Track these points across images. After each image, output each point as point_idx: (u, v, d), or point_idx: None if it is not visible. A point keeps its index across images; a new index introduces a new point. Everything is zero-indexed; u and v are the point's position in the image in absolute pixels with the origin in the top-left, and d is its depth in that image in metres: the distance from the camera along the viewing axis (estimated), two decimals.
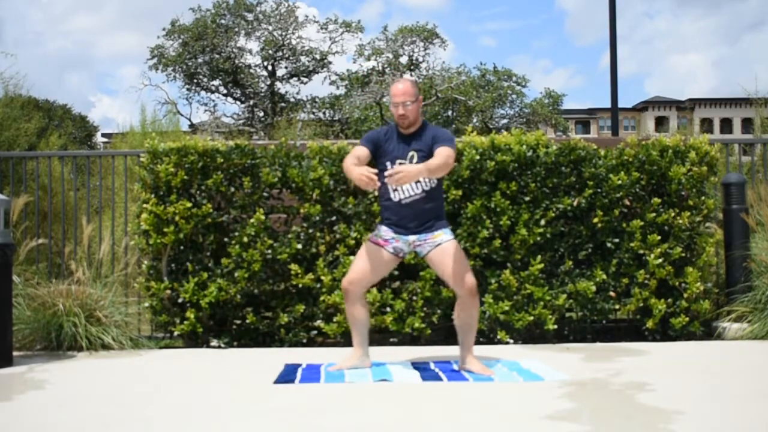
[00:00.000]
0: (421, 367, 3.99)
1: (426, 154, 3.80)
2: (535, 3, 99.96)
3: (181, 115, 29.32)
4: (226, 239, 5.04)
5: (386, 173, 3.59)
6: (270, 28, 30.52)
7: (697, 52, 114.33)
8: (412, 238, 3.84)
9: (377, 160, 3.95)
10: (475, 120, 31.24)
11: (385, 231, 3.89)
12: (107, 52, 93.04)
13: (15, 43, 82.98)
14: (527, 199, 4.94)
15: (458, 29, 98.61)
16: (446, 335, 4.99)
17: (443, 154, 3.72)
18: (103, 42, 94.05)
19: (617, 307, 5.05)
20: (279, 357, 4.41)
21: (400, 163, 3.82)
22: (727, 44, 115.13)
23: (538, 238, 4.90)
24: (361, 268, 3.90)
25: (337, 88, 32.13)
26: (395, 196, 3.84)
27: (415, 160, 3.81)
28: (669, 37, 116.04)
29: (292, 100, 31.73)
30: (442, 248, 3.80)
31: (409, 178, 3.58)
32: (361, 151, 3.88)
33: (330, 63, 31.65)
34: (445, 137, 3.85)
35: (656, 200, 4.99)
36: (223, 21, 29.97)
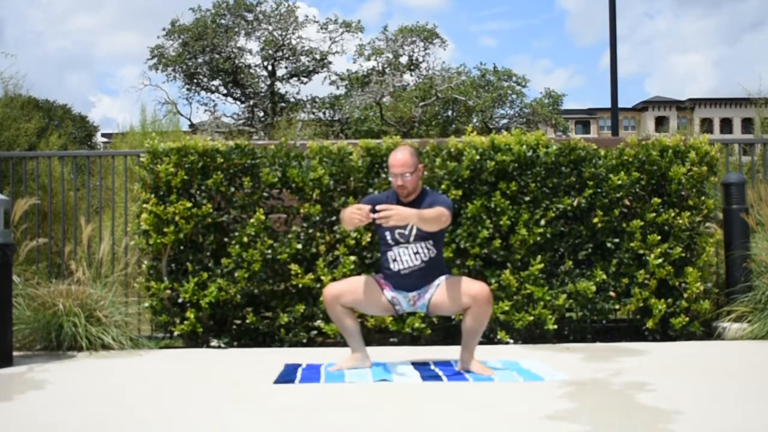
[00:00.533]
0: (421, 367, 3.99)
1: None
2: (536, 3, 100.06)
3: (181, 115, 29.32)
4: (226, 239, 5.04)
5: (378, 207, 3.57)
6: (270, 28, 30.51)
7: (697, 52, 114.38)
8: (411, 294, 3.87)
9: (376, 227, 3.92)
10: (475, 120, 31.22)
11: (385, 282, 3.91)
12: (107, 52, 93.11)
13: (15, 43, 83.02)
14: (527, 199, 4.94)
15: (459, 29, 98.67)
16: (446, 335, 4.99)
17: (439, 210, 3.70)
18: (103, 42, 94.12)
19: (617, 307, 5.05)
20: (279, 357, 4.41)
21: (399, 234, 3.82)
22: (727, 44, 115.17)
23: (538, 238, 4.90)
24: (353, 292, 3.87)
25: (337, 88, 32.12)
26: (395, 266, 3.84)
27: (414, 231, 3.80)
28: (669, 37, 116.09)
29: (292, 100, 31.72)
30: (441, 286, 3.81)
31: (400, 219, 3.55)
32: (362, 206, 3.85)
33: (330, 63, 31.64)
34: (445, 202, 3.83)
35: (656, 200, 4.99)
36: (223, 21, 29.96)
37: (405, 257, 3.82)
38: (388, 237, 3.85)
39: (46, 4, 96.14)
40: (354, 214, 3.64)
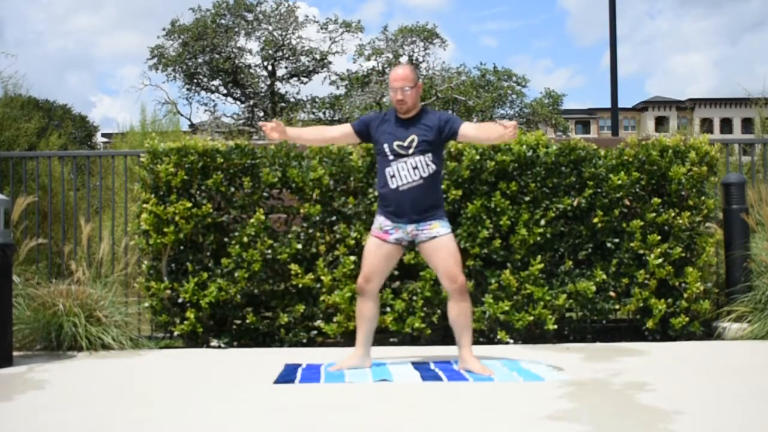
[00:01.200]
0: (421, 367, 3.99)
1: (428, 137, 3.81)
2: (537, 3, 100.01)
3: (181, 115, 29.32)
4: (226, 239, 5.04)
5: (500, 122, 3.70)
6: (270, 28, 30.51)
7: (698, 52, 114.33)
8: (410, 227, 3.84)
9: (374, 142, 3.96)
10: (475, 120, 31.23)
11: (383, 221, 3.89)
12: (108, 52, 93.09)
13: (16, 42, 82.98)
14: (527, 199, 4.94)
15: (459, 29, 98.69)
16: (446, 335, 4.99)
17: (479, 124, 3.90)
18: (104, 42, 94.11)
19: (617, 307, 5.05)
20: (279, 357, 4.41)
21: (398, 145, 3.82)
22: (728, 44, 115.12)
23: (538, 238, 4.90)
24: (372, 265, 3.90)
25: (337, 88, 32.13)
26: (392, 183, 3.82)
27: (415, 143, 3.80)
28: (670, 37, 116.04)
29: (292, 100, 31.72)
30: (437, 241, 3.81)
31: (513, 135, 3.69)
32: (343, 127, 4.00)
33: (330, 63, 31.64)
34: (455, 117, 3.93)
35: (656, 200, 4.99)
36: (223, 21, 29.96)
37: (404, 172, 3.79)
38: (387, 149, 3.84)
39: (47, 3, 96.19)
40: (266, 127, 3.88)
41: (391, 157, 3.83)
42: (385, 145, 3.85)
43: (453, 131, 3.86)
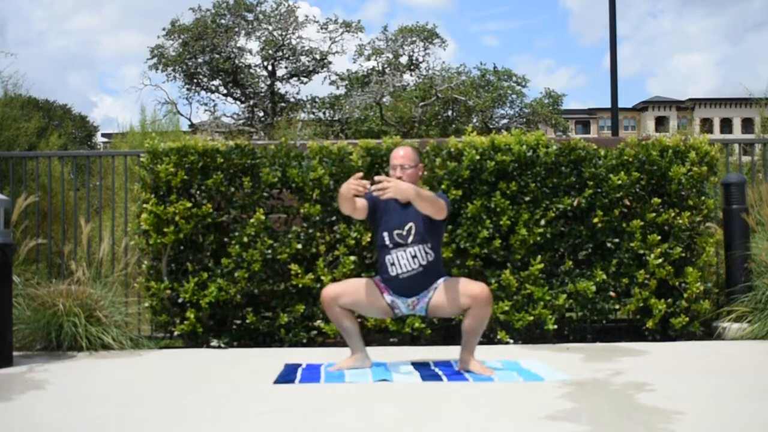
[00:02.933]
0: (421, 367, 3.98)
1: (424, 224, 3.79)
2: (539, 2, 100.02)
3: (181, 115, 29.31)
4: (226, 239, 5.04)
5: (376, 178, 3.58)
6: (270, 28, 30.51)
7: (700, 52, 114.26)
8: (410, 300, 3.86)
9: (374, 228, 3.94)
10: (475, 120, 31.22)
11: (384, 285, 3.89)
12: (109, 52, 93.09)
13: (17, 42, 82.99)
14: (527, 199, 4.94)
15: (462, 29, 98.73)
16: (446, 335, 4.99)
17: (434, 194, 3.71)
18: (105, 41, 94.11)
19: (617, 307, 5.05)
20: (279, 357, 4.41)
21: (397, 234, 3.81)
22: (730, 44, 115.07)
23: (538, 238, 4.90)
24: (353, 292, 3.86)
25: (337, 88, 32.12)
26: (392, 271, 3.81)
27: (413, 232, 3.79)
28: (672, 37, 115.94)
29: (292, 100, 31.72)
30: (440, 288, 3.80)
31: (397, 192, 3.54)
32: (362, 200, 3.86)
33: (330, 63, 31.64)
34: (441, 195, 3.84)
35: (656, 200, 4.99)
36: (223, 21, 29.95)
37: (403, 261, 3.80)
38: (386, 239, 3.85)
39: (48, 3, 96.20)
40: (351, 185, 3.64)
41: (390, 246, 3.83)
42: (385, 234, 3.84)
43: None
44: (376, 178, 3.59)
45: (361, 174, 3.71)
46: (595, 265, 4.98)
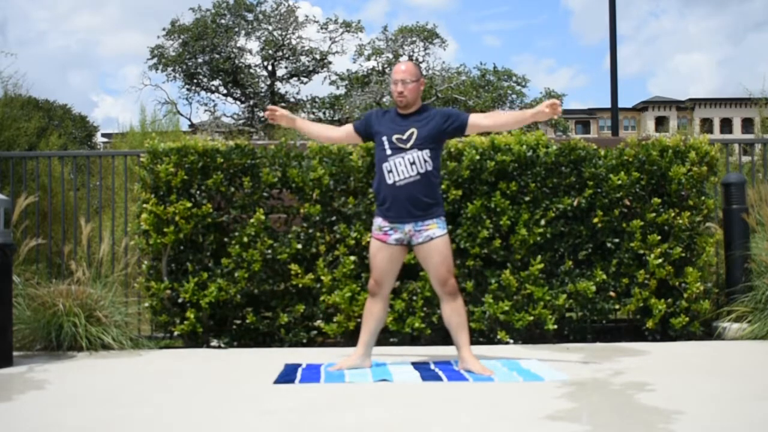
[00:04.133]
0: (421, 367, 3.99)
1: (428, 131, 3.81)
2: (540, 2, 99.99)
3: (181, 115, 29.34)
4: (226, 239, 5.04)
5: (550, 102, 3.82)
6: (270, 28, 30.53)
7: (701, 52, 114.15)
8: (407, 227, 3.83)
9: (374, 135, 3.95)
10: None
11: (381, 222, 3.88)
12: (111, 52, 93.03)
13: (19, 41, 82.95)
14: (527, 199, 4.94)
15: (463, 29, 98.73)
16: (446, 335, 4.97)
17: (493, 113, 3.94)
18: (106, 41, 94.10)
19: (617, 307, 5.05)
20: (279, 357, 4.41)
21: (397, 138, 3.82)
22: (732, 44, 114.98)
23: (538, 238, 4.90)
24: (379, 269, 3.90)
25: (337, 88, 32.15)
26: (389, 178, 3.80)
27: (414, 136, 3.80)
28: (674, 37, 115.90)
29: (292, 100, 31.73)
30: (431, 244, 3.81)
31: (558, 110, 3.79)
32: (347, 127, 4.03)
33: (330, 63, 31.66)
34: (459, 111, 3.97)
35: (656, 200, 4.99)
36: (223, 21, 29.97)
37: (401, 167, 3.78)
38: (385, 142, 3.83)
39: (50, 2, 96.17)
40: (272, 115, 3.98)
41: (389, 152, 3.82)
42: (384, 138, 3.84)
43: (459, 125, 3.88)
44: (551, 102, 3.84)
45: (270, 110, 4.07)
46: (595, 265, 4.98)
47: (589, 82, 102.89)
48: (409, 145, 3.80)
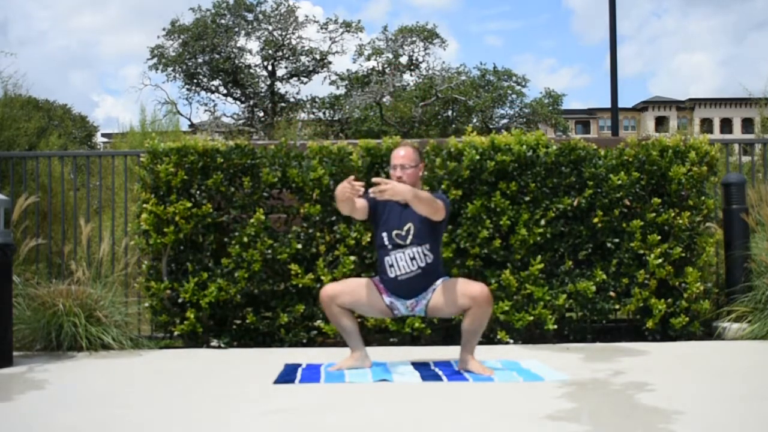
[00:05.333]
0: (421, 367, 3.98)
1: (424, 227, 3.79)
2: (541, 2, 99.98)
3: (181, 115, 29.32)
4: (226, 239, 5.04)
5: (373, 180, 3.60)
6: (270, 28, 30.52)
7: (703, 52, 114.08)
8: (409, 302, 3.86)
9: (374, 227, 3.95)
10: (475, 120, 31.23)
11: (383, 286, 3.89)
12: (111, 51, 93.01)
13: (20, 41, 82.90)
14: (527, 199, 4.94)
15: (465, 28, 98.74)
16: (446, 335, 4.99)
17: (431, 195, 3.71)
18: (107, 41, 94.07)
19: (617, 307, 5.05)
20: (279, 357, 4.41)
21: (396, 234, 3.81)
22: (733, 43, 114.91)
23: (538, 238, 4.90)
24: (351, 292, 3.87)
25: (337, 88, 32.13)
26: (391, 272, 3.81)
27: (412, 233, 3.79)
28: (676, 36, 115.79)
29: (292, 100, 31.73)
30: (438, 289, 3.80)
31: (394, 194, 3.54)
32: (362, 201, 3.86)
33: (330, 63, 31.65)
34: (440, 196, 3.83)
35: (656, 200, 4.99)
36: (223, 21, 29.96)
37: (402, 263, 3.80)
38: (386, 239, 3.84)
39: (51, 2, 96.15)
40: (345, 187, 3.64)
41: (389, 247, 3.82)
42: (384, 235, 3.84)
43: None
44: (374, 180, 3.60)
45: (352, 177, 3.71)
46: (595, 265, 4.98)
47: (591, 81, 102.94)
48: (408, 241, 3.80)
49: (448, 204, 3.85)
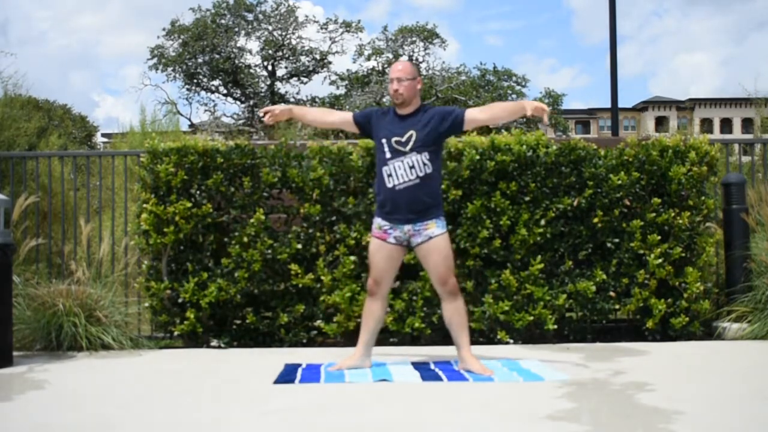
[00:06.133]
0: (421, 367, 3.99)
1: (426, 134, 3.81)
2: (542, 2, 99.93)
3: (181, 115, 29.33)
4: (226, 239, 5.04)
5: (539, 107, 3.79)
6: (270, 28, 30.52)
7: (704, 51, 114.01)
8: (407, 227, 3.83)
9: (374, 137, 3.97)
10: None
11: (381, 221, 3.89)
12: (112, 51, 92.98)
13: (20, 41, 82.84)
14: (527, 199, 4.94)
15: (465, 28, 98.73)
16: (446, 335, 4.97)
17: (490, 105, 3.99)
18: (108, 41, 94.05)
19: (617, 307, 5.05)
20: (279, 357, 4.41)
21: (396, 141, 3.82)
22: (734, 43, 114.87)
23: (538, 238, 4.90)
24: (378, 268, 3.91)
25: (337, 88, 32.14)
26: (389, 182, 3.82)
27: (413, 139, 3.80)
28: (677, 36, 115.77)
29: (292, 100, 31.71)
30: (431, 243, 3.82)
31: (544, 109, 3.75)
32: (345, 114, 4.02)
33: (330, 63, 31.66)
34: (456, 108, 3.94)
35: (656, 200, 4.99)
36: (223, 21, 29.96)
37: (400, 171, 3.79)
38: (385, 146, 3.84)
39: (51, 2, 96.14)
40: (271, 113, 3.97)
41: (388, 155, 3.83)
42: (383, 140, 3.86)
43: (457, 121, 3.87)
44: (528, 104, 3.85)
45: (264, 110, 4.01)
46: (595, 265, 4.98)
47: (591, 81, 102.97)
48: (408, 148, 3.80)
49: (463, 111, 3.93)
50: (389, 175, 3.81)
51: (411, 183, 3.79)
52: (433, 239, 3.81)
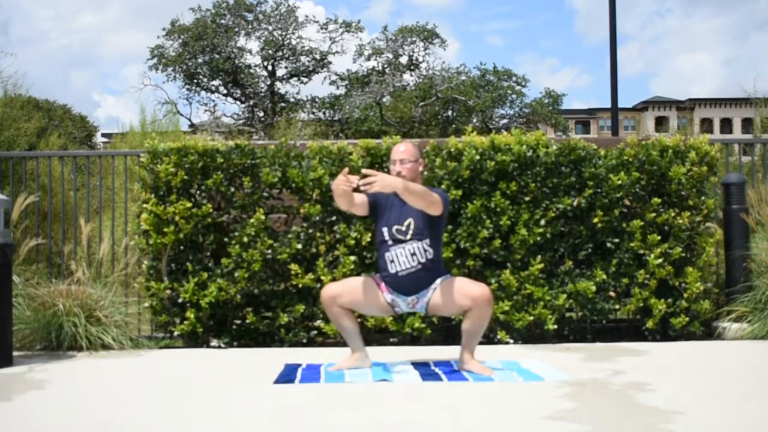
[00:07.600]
0: (421, 367, 3.98)
1: (424, 222, 3.78)
2: (544, 2, 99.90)
3: (181, 115, 29.35)
4: (226, 239, 5.04)
5: (363, 171, 3.60)
6: (270, 28, 30.52)
7: (706, 51, 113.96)
8: (410, 298, 3.84)
9: (375, 223, 3.95)
10: (475, 120, 31.24)
11: (384, 284, 3.88)
12: (113, 51, 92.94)
13: (21, 41, 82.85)
14: (527, 199, 4.94)
15: (466, 28, 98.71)
16: (446, 335, 5.00)
17: (425, 188, 3.70)
18: (108, 41, 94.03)
19: (617, 307, 5.05)
20: (279, 357, 4.41)
21: (396, 230, 3.81)
22: (736, 43, 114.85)
23: (538, 238, 4.90)
24: (351, 291, 3.86)
25: (337, 88, 32.16)
26: (392, 268, 3.80)
27: (412, 227, 3.78)
28: (679, 36, 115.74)
29: (292, 100, 31.74)
30: (439, 288, 3.79)
31: (384, 186, 3.54)
32: (362, 196, 3.85)
33: (330, 63, 31.66)
34: (437, 190, 3.84)
35: (656, 200, 4.99)
36: (223, 21, 29.97)
37: (402, 258, 3.79)
38: (386, 234, 3.84)
39: (53, 2, 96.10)
40: (340, 180, 3.65)
41: (390, 242, 3.82)
42: (384, 229, 3.84)
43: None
44: (364, 171, 3.60)
45: (347, 170, 3.73)
46: (595, 265, 4.98)
47: (593, 81, 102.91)
48: (408, 236, 3.79)
49: (446, 199, 3.84)
50: (391, 261, 3.81)
51: (413, 269, 3.78)
52: (441, 284, 3.79)
